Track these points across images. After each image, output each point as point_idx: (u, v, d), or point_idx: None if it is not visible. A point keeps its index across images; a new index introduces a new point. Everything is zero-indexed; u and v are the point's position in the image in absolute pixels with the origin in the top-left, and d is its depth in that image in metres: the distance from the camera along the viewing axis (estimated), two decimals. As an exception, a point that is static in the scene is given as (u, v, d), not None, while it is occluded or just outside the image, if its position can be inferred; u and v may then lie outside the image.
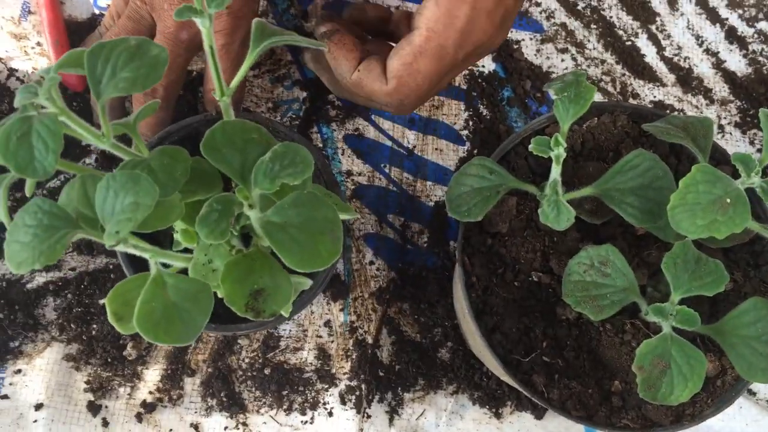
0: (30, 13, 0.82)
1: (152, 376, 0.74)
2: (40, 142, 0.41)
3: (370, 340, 0.77)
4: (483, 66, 0.87)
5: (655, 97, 0.89)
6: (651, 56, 0.91)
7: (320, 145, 0.83)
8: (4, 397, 0.71)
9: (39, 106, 0.42)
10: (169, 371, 0.74)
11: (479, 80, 0.86)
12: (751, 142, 0.88)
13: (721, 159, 0.66)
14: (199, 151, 0.48)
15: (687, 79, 0.90)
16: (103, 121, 0.46)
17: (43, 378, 0.72)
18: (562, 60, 0.89)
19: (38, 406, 0.71)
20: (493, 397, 0.76)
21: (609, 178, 0.58)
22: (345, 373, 0.75)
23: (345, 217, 0.57)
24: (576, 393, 0.61)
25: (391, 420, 0.75)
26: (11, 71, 0.80)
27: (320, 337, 0.77)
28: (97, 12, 0.83)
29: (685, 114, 0.88)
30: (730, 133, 0.88)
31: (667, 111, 0.87)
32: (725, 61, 0.91)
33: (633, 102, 0.88)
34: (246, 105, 0.82)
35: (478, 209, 0.59)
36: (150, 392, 0.73)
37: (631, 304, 0.58)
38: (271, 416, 0.73)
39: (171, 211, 0.48)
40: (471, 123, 0.85)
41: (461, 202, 0.60)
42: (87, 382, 0.73)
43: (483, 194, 0.60)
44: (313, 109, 0.84)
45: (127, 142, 0.52)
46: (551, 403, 0.61)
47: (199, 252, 0.51)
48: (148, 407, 0.72)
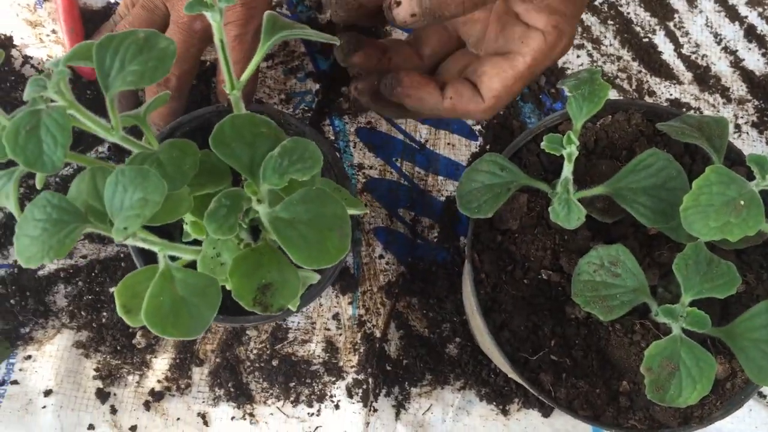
0: (46, 0, 0.82)
1: (161, 364, 0.74)
2: (49, 136, 0.41)
3: (378, 334, 0.77)
4: (497, 60, 0.86)
5: (671, 95, 0.88)
6: (668, 53, 0.90)
7: (332, 137, 0.82)
8: (14, 382, 0.72)
9: (48, 99, 0.42)
10: (178, 360, 0.74)
11: (493, 75, 0.86)
12: (768, 142, 0.87)
13: (736, 159, 0.65)
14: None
15: (704, 78, 0.89)
16: (112, 114, 0.46)
17: (53, 364, 0.72)
18: (578, 56, 0.88)
19: (47, 392, 0.72)
20: (500, 394, 0.75)
21: (622, 177, 0.58)
22: (352, 367, 0.75)
23: (354, 212, 0.56)
24: (583, 392, 0.61)
25: (398, 414, 0.75)
26: (26, 58, 0.80)
27: (328, 329, 0.77)
28: (113, 0, 0.83)
29: (701, 113, 0.87)
30: (747, 133, 0.87)
31: (684, 109, 0.86)
32: (743, 60, 0.90)
33: (649, 100, 0.87)
34: (258, 96, 0.82)
35: (489, 206, 0.59)
36: (158, 381, 0.74)
37: (641, 304, 0.57)
38: (278, 407, 0.74)
39: (180, 205, 0.48)
40: (484, 118, 0.85)
41: (472, 198, 0.60)
42: (96, 370, 0.73)
43: (494, 191, 0.59)
44: (326, 102, 0.84)
45: (138, 134, 0.52)
46: (558, 402, 0.60)
47: (207, 245, 0.51)
48: (156, 396, 0.73)
